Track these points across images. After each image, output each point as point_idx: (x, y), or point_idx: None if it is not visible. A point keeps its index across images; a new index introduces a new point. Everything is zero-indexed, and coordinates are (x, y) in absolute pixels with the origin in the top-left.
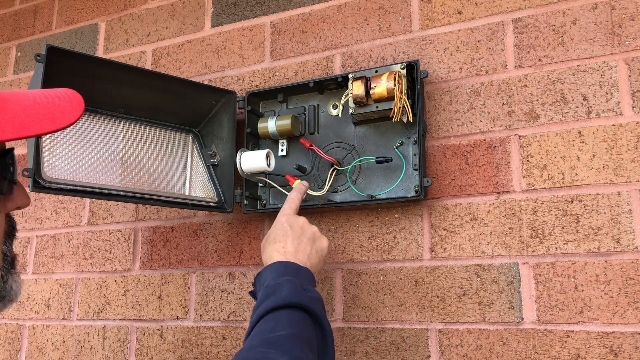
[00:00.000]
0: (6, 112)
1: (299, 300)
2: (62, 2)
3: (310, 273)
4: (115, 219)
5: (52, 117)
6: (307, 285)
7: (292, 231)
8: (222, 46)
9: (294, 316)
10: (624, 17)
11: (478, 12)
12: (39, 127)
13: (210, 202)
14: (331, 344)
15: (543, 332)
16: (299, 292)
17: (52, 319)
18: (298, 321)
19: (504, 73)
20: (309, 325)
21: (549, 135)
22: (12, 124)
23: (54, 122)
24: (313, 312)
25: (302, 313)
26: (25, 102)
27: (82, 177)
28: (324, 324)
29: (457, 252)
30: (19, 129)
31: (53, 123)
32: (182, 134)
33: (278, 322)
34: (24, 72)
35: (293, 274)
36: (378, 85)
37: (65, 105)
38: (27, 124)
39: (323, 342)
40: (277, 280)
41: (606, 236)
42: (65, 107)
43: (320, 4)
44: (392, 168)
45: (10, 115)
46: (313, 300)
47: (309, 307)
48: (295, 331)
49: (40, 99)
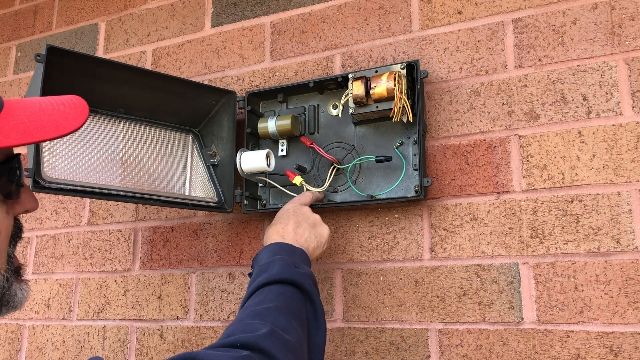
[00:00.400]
0: (12, 119)
1: (289, 276)
2: (62, 2)
3: (305, 254)
4: (115, 219)
5: (57, 123)
6: (299, 263)
7: (294, 216)
8: (222, 46)
9: (283, 290)
10: (624, 17)
11: (478, 12)
12: (42, 133)
13: (210, 202)
14: (322, 317)
15: (543, 332)
16: (290, 268)
17: (52, 319)
18: (286, 295)
19: (504, 73)
20: (298, 299)
21: (549, 135)
22: (17, 131)
23: (58, 128)
24: (302, 286)
25: (292, 288)
26: (31, 109)
27: (82, 177)
28: (314, 298)
29: (457, 252)
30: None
31: (57, 129)
32: (182, 134)
33: (267, 296)
34: (24, 72)
35: (287, 253)
36: (378, 85)
37: (70, 112)
38: (32, 131)
39: (314, 315)
40: (271, 259)
41: (606, 236)
42: (69, 113)
43: (320, 4)
44: (392, 168)
45: (15, 122)
46: (303, 276)
47: (298, 281)
48: (281, 304)
49: (46, 105)
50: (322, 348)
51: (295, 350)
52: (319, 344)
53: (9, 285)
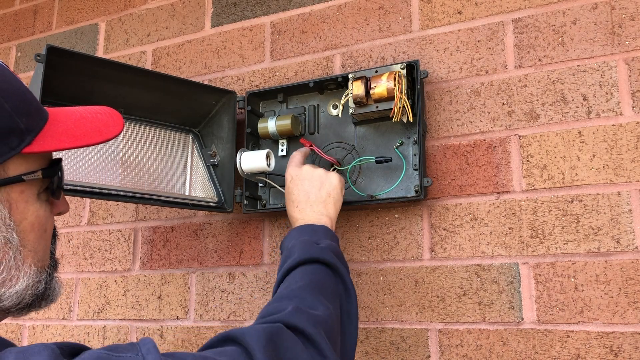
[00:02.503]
0: (59, 125)
1: (309, 255)
2: (62, 2)
3: (325, 229)
4: (115, 219)
5: (99, 130)
6: (322, 239)
7: (300, 185)
8: (222, 46)
9: (306, 270)
10: (624, 17)
11: (478, 12)
12: (88, 138)
13: (210, 202)
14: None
15: (543, 332)
16: (310, 247)
17: (52, 319)
18: (310, 273)
19: (504, 73)
20: (324, 275)
21: (549, 135)
22: (66, 136)
23: (102, 134)
24: (325, 261)
25: (314, 265)
26: (74, 117)
27: (82, 177)
28: (339, 270)
29: (457, 252)
30: (73, 140)
31: (101, 135)
32: (182, 134)
33: (292, 280)
34: (24, 72)
35: (308, 234)
36: (378, 85)
37: (108, 120)
38: (79, 136)
39: (343, 284)
40: (293, 242)
41: (606, 236)
42: (108, 121)
43: (320, 4)
44: (392, 168)
45: (63, 128)
46: (324, 251)
47: (320, 258)
48: (305, 283)
49: (86, 114)
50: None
51: (324, 324)
52: (351, 312)
53: (50, 280)
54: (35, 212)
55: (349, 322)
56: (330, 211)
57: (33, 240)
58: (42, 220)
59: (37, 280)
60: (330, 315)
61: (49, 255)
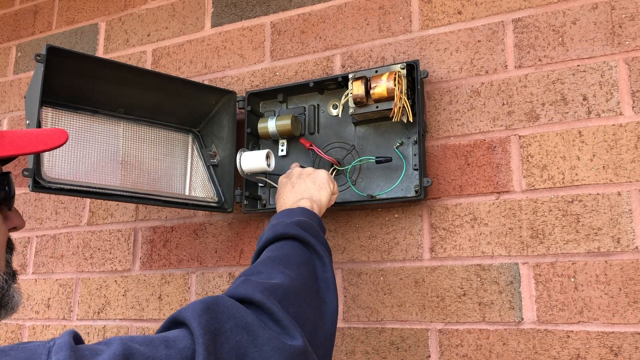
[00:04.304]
0: (4, 139)
1: (273, 235)
2: (62, 2)
3: (301, 209)
4: (115, 219)
5: (44, 141)
6: (296, 217)
7: (288, 181)
8: (222, 46)
9: (270, 249)
10: (624, 17)
11: (478, 12)
12: (32, 147)
13: (210, 202)
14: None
15: (543, 332)
16: (276, 228)
17: (52, 319)
18: (272, 250)
19: (504, 73)
20: (286, 247)
21: (549, 135)
22: (11, 146)
23: (46, 143)
24: (288, 235)
25: (279, 242)
26: (20, 132)
27: (82, 177)
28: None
29: (457, 252)
30: (16, 148)
31: (45, 144)
32: (182, 134)
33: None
34: (24, 72)
35: (283, 217)
36: (378, 85)
37: (53, 134)
38: (23, 145)
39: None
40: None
41: (606, 236)
42: (53, 135)
43: (320, 4)
44: (392, 168)
45: (8, 141)
46: (287, 226)
47: (282, 234)
48: (263, 259)
49: (32, 130)
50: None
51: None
52: (327, 279)
53: (7, 287)
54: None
55: (326, 290)
56: (312, 194)
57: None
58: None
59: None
60: (290, 282)
61: (4, 262)
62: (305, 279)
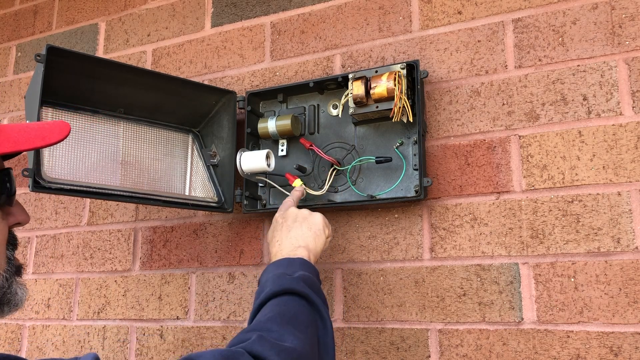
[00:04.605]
0: (2, 134)
1: (280, 287)
2: (62, 2)
3: (302, 260)
4: (115, 219)
5: (43, 136)
6: (297, 271)
7: (284, 223)
8: (222, 46)
9: (277, 302)
10: (624, 17)
11: (478, 12)
12: (30, 143)
13: (210, 202)
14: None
15: (543, 332)
16: (282, 280)
17: (52, 319)
18: (280, 304)
19: (504, 73)
20: (294, 303)
21: (549, 135)
22: (8, 142)
23: (44, 139)
24: (295, 291)
25: (286, 296)
26: (19, 127)
27: (82, 177)
28: (309, 296)
29: (457, 252)
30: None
31: (43, 140)
32: (182, 134)
33: (262, 313)
34: (24, 72)
35: (284, 267)
36: (378, 85)
37: (54, 128)
38: (21, 141)
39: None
40: (267, 276)
41: (606, 236)
42: (53, 129)
43: (320, 4)
44: (392, 168)
45: (5, 137)
46: (295, 281)
47: (290, 288)
48: (274, 313)
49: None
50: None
51: (291, 353)
52: (327, 343)
53: (9, 285)
54: None
55: (326, 354)
56: (309, 243)
57: None
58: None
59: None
60: (302, 346)
61: (5, 260)
62: (312, 342)
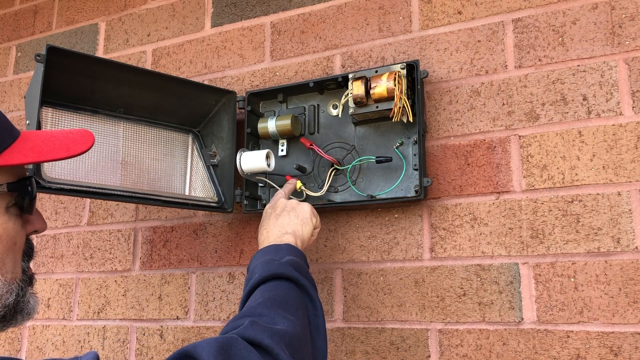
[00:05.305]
0: (27, 143)
1: (269, 273)
2: (62, 2)
3: (290, 246)
4: (115, 219)
5: (67, 146)
6: (285, 256)
7: (272, 212)
8: (222, 46)
9: (266, 287)
10: (624, 17)
11: (478, 12)
12: (54, 153)
13: (210, 202)
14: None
15: (543, 332)
16: (270, 265)
17: (52, 319)
18: (270, 289)
19: (504, 73)
20: (283, 287)
21: (549, 135)
22: (33, 152)
23: (69, 150)
24: (283, 275)
25: (275, 281)
26: (44, 136)
27: (82, 177)
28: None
29: (457, 252)
30: (39, 155)
31: (68, 151)
32: (182, 134)
33: (252, 299)
34: (24, 72)
35: (271, 254)
36: (378, 85)
37: (78, 138)
38: (45, 152)
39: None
40: (255, 264)
41: (606, 236)
42: (78, 139)
43: (320, 4)
44: (392, 168)
45: (31, 146)
46: (282, 266)
47: (278, 273)
48: (264, 298)
49: (57, 133)
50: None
51: (284, 336)
52: (319, 324)
53: (23, 294)
54: (3, 224)
55: (317, 335)
56: (296, 230)
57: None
58: (10, 233)
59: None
60: (294, 328)
61: (20, 269)
62: (303, 324)
